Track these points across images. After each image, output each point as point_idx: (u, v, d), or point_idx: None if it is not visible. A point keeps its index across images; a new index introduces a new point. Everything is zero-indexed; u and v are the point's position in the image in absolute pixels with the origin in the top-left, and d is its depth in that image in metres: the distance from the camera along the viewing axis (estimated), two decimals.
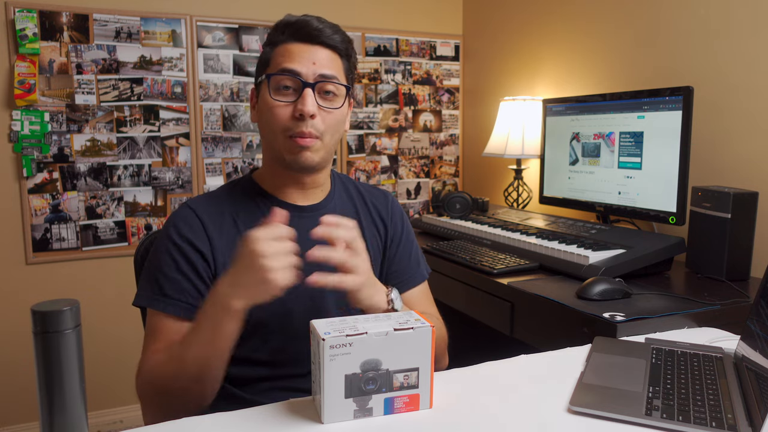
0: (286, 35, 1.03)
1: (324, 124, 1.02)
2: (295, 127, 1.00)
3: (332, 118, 1.03)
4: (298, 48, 1.02)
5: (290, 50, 1.02)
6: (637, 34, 2.00)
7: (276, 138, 1.03)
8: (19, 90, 2.22)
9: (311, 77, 1.00)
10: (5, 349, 2.30)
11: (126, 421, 2.48)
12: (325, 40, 1.02)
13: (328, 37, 1.02)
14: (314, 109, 0.99)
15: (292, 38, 1.02)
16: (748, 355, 0.92)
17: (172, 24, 2.44)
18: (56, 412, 0.60)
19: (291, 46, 1.02)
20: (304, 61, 1.01)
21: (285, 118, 1.01)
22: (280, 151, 1.03)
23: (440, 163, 3.02)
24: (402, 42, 2.86)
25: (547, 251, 1.63)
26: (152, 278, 1.01)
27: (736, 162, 1.68)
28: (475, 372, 0.97)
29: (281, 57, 1.02)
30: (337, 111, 1.03)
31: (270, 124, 1.03)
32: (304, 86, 1.00)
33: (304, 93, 0.99)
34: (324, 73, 1.01)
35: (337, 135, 1.06)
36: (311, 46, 1.02)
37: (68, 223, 2.35)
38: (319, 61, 1.01)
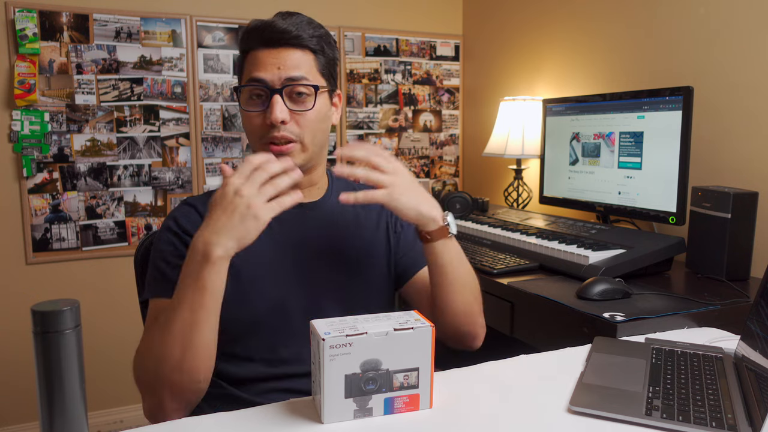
0: (252, 41, 1.02)
1: (299, 127, 1.01)
2: (269, 134, 1.00)
3: (307, 120, 1.01)
4: (264, 54, 1.00)
5: (257, 57, 1.01)
6: (637, 34, 2.00)
7: (255, 146, 1.03)
8: (19, 90, 2.22)
9: (278, 82, 0.99)
10: (5, 349, 2.30)
11: (126, 421, 2.48)
12: (289, 41, 1.00)
13: (294, 37, 1.00)
14: (283, 115, 0.98)
15: (258, 44, 1.01)
16: (748, 355, 0.92)
17: (172, 24, 2.44)
18: (56, 412, 0.60)
19: (258, 53, 1.01)
20: (269, 67, 0.99)
21: (258, 127, 1.01)
22: None
23: (440, 163, 3.02)
24: (402, 42, 2.86)
25: (547, 251, 1.63)
26: (156, 269, 1.01)
27: (736, 162, 1.68)
28: (475, 372, 0.97)
29: (250, 65, 1.02)
30: (311, 112, 1.01)
31: (247, 133, 1.04)
32: (272, 93, 0.99)
33: (272, 101, 0.98)
34: (291, 75, 0.99)
35: (320, 134, 1.05)
36: (276, 50, 1.00)
37: (68, 223, 2.35)
38: (284, 64, 0.99)
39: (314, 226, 1.10)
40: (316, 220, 1.10)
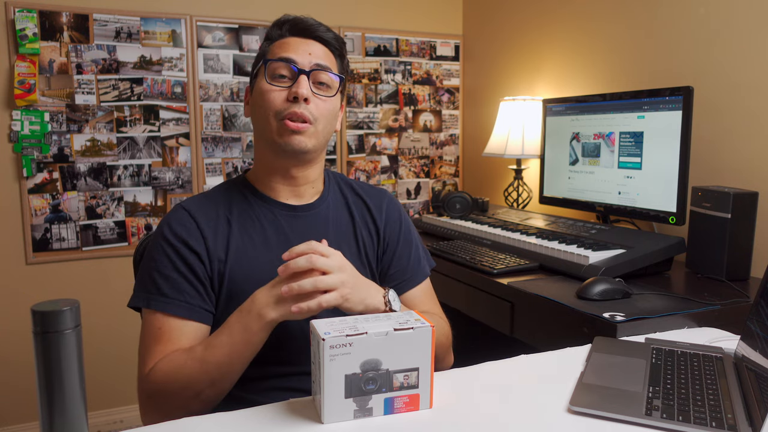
0: (283, 30, 1.08)
1: (318, 111, 1.05)
2: (289, 108, 1.02)
3: (325, 107, 1.06)
4: (295, 40, 1.07)
5: (287, 42, 1.07)
6: (637, 34, 2.00)
7: (269, 121, 1.04)
8: (19, 90, 2.22)
9: (307, 65, 1.05)
10: (5, 349, 2.30)
11: (126, 421, 2.48)
12: (321, 35, 1.09)
13: (324, 32, 1.09)
14: (308, 93, 1.03)
15: (289, 33, 1.08)
16: (748, 355, 0.92)
17: (172, 24, 2.44)
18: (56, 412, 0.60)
19: (288, 39, 1.08)
20: (300, 51, 1.05)
21: (279, 101, 1.03)
22: (273, 134, 1.04)
23: (440, 163, 3.02)
24: (402, 42, 2.86)
25: (547, 251, 1.63)
26: (150, 279, 1.01)
27: (736, 162, 1.68)
28: (475, 372, 0.97)
29: (278, 48, 1.07)
30: (331, 100, 1.07)
31: (264, 108, 1.04)
32: (300, 73, 1.03)
33: (300, 78, 1.03)
34: (319, 62, 1.06)
35: (329, 126, 1.08)
36: (307, 40, 1.08)
37: (68, 223, 2.35)
38: (314, 52, 1.07)
39: (308, 229, 1.09)
40: (311, 223, 1.10)
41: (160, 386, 0.94)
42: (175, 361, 0.94)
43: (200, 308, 1.00)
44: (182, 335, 0.98)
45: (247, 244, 1.05)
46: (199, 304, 1.00)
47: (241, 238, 1.04)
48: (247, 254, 1.04)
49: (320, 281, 0.88)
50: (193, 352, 0.94)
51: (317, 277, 0.89)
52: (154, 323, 0.99)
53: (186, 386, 0.93)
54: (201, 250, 1.01)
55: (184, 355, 0.95)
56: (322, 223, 1.11)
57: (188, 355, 0.94)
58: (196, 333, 0.99)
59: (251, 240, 1.05)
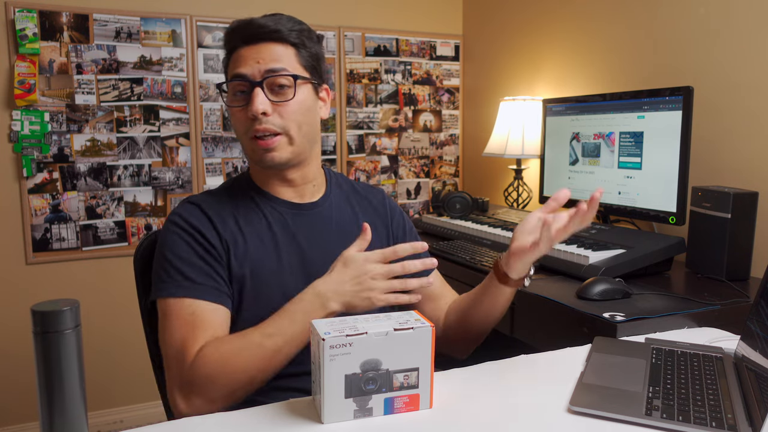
0: (233, 41, 1.05)
1: (282, 118, 1.02)
2: (252, 127, 1.01)
3: (290, 110, 1.02)
4: (245, 51, 1.03)
5: (239, 55, 1.04)
6: (636, 34, 2.00)
7: (243, 141, 1.05)
8: (19, 90, 2.22)
9: (258, 75, 1.01)
10: (5, 349, 2.30)
11: (126, 421, 2.48)
12: (268, 35, 1.03)
13: (273, 31, 1.03)
14: (264, 107, 1.00)
15: (240, 42, 1.04)
16: (748, 355, 0.92)
17: (172, 24, 2.44)
18: (56, 412, 0.60)
19: (240, 51, 1.04)
20: (249, 62, 1.02)
21: (243, 121, 1.03)
22: (249, 153, 1.06)
23: (440, 163, 3.02)
24: (402, 42, 2.86)
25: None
26: (173, 268, 1.00)
27: (736, 162, 1.68)
28: (475, 372, 0.97)
29: (233, 63, 1.05)
30: (292, 102, 1.02)
31: (235, 129, 1.06)
32: (253, 86, 1.01)
33: (253, 93, 1.00)
34: (270, 68, 1.01)
35: (305, 126, 1.05)
36: (256, 46, 1.03)
37: (68, 223, 2.35)
38: (264, 58, 1.02)
39: (313, 227, 1.10)
40: (315, 221, 1.10)
41: (214, 371, 0.92)
42: (231, 346, 0.93)
43: (225, 294, 1.00)
44: (216, 319, 0.97)
45: (255, 241, 1.05)
46: (224, 290, 1.00)
47: (248, 235, 1.05)
48: (255, 251, 1.04)
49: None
50: (250, 337, 0.94)
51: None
52: (185, 309, 0.97)
53: (240, 371, 0.92)
54: (215, 241, 1.02)
55: (241, 340, 0.94)
56: (327, 221, 1.12)
57: (246, 339, 0.94)
58: (225, 318, 0.99)
59: (258, 237, 1.05)
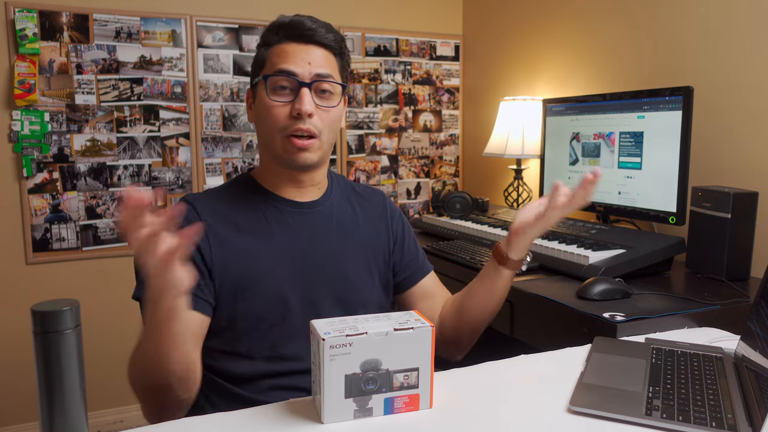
0: (280, 36, 1.04)
1: (322, 123, 1.03)
2: (293, 125, 1.01)
3: (329, 117, 1.04)
4: (293, 48, 1.03)
5: (285, 50, 1.03)
6: (636, 34, 2.00)
7: (274, 138, 1.04)
8: (19, 90, 2.22)
9: (307, 77, 1.02)
10: (5, 349, 2.30)
11: (126, 421, 2.48)
12: (319, 39, 1.04)
13: (322, 36, 1.04)
14: (312, 108, 1.01)
15: (287, 38, 1.04)
16: (748, 355, 0.92)
17: (172, 24, 2.44)
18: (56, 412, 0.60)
19: (286, 46, 1.04)
20: (299, 61, 1.02)
21: (282, 118, 1.02)
22: (278, 150, 1.04)
23: (440, 163, 3.02)
24: (402, 42, 2.86)
25: (547, 251, 1.63)
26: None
27: (736, 162, 1.68)
28: (475, 372, 0.97)
29: (277, 57, 1.03)
30: (334, 109, 1.05)
31: (268, 124, 1.04)
32: (301, 86, 1.01)
33: (301, 92, 1.01)
34: (320, 72, 1.03)
35: (333, 133, 1.07)
36: (306, 46, 1.04)
37: (68, 223, 2.35)
38: (314, 60, 1.03)
39: (313, 225, 1.10)
40: (316, 219, 1.11)
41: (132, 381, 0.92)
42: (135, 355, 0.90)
43: (196, 297, 0.98)
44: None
45: (252, 238, 1.05)
46: (196, 293, 0.99)
47: (245, 233, 1.05)
48: (252, 249, 1.04)
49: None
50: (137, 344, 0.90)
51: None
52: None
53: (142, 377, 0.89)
54: (202, 242, 1.01)
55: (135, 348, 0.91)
56: (327, 219, 1.12)
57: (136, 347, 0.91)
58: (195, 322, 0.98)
59: (256, 234, 1.05)
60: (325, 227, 1.11)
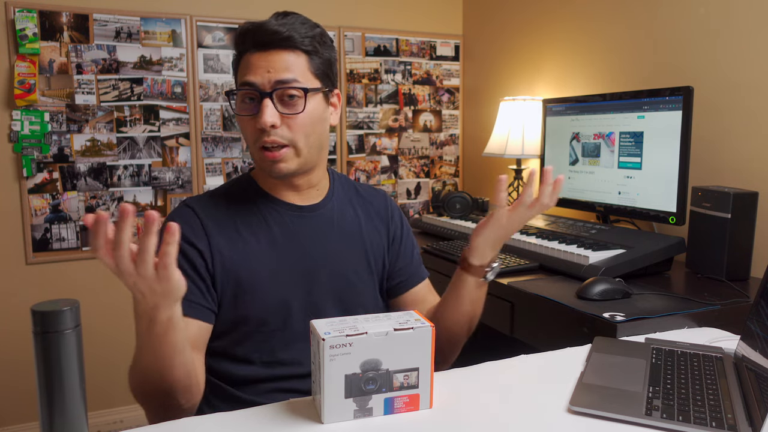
0: (246, 45, 1.02)
1: (291, 130, 1.00)
2: (261, 138, 1.00)
3: (298, 123, 1.00)
4: (256, 57, 1.00)
5: (249, 61, 1.00)
6: (636, 34, 2.00)
7: (252, 149, 1.04)
8: (19, 90, 2.21)
9: (268, 86, 0.98)
10: (5, 349, 2.30)
11: (126, 421, 2.48)
12: (281, 43, 0.99)
13: (285, 38, 0.99)
14: (273, 119, 0.98)
15: (251, 47, 1.01)
16: (748, 355, 0.92)
17: (172, 24, 2.44)
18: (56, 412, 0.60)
19: (250, 56, 1.00)
20: (259, 71, 0.99)
21: (251, 130, 1.01)
22: (257, 161, 1.05)
23: (440, 163, 3.02)
24: (402, 42, 2.86)
25: (547, 251, 1.63)
26: None
27: (736, 162, 1.68)
28: (475, 372, 0.97)
29: (243, 69, 1.02)
30: (301, 115, 1.00)
31: (243, 136, 1.05)
32: (262, 97, 0.98)
33: (262, 105, 0.98)
34: (280, 78, 0.98)
35: (314, 136, 1.03)
36: (267, 53, 0.99)
37: (68, 223, 2.35)
38: (274, 67, 0.98)
39: (314, 229, 1.09)
40: (317, 223, 1.10)
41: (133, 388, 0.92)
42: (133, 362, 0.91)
43: (200, 305, 0.99)
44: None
45: (253, 242, 1.04)
46: (200, 302, 0.99)
47: (246, 237, 1.04)
48: (253, 253, 1.04)
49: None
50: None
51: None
52: None
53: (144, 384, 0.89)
54: (203, 247, 1.01)
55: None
56: (328, 222, 1.11)
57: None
58: (197, 330, 0.99)
59: (257, 239, 1.05)
60: (327, 231, 1.10)
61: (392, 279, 1.17)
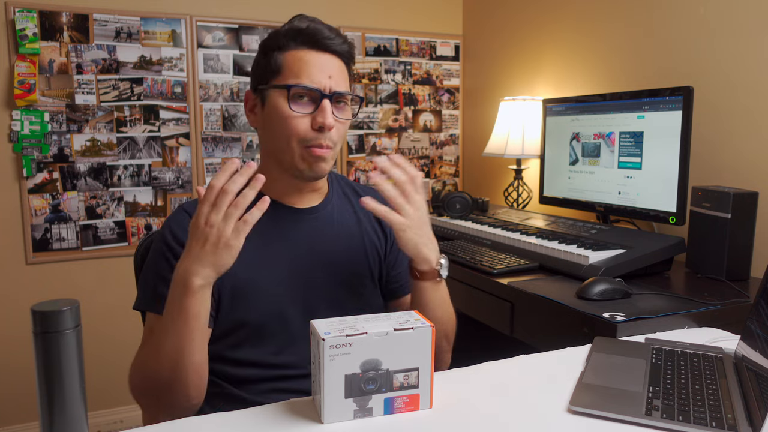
0: (298, 42, 1.02)
1: (338, 135, 1.04)
2: (315, 139, 1.01)
3: (344, 128, 1.06)
4: (311, 56, 1.02)
5: (304, 59, 1.01)
6: (636, 34, 2.00)
7: (290, 147, 1.02)
8: (19, 90, 2.22)
9: (328, 89, 1.01)
10: (5, 349, 2.30)
11: (126, 421, 2.48)
12: (336, 48, 1.03)
13: (339, 45, 1.04)
14: (333, 122, 1.01)
15: (304, 45, 1.02)
16: (748, 355, 0.92)
17: (172, 24, 2.44)
18: (56, 412, 0.60)
19: (303, 54, 1.02)
20: (320, 73, 1.01)
21: (303, 129, 1.01)
22: (294, 160, 1.03)
23: (440, 163, 3.02)
24: (402, 42, 2.86)
25: (547, 251, 1.63)
26: (150, 282, 1.01)
27: (736, 162, 1.68)
28: (475, 372, 0.97)
29: (296, 66, 1.01)
30: (348, 121, 1.06)
31: (284, 133, 1.02)
32: (322, 98, 1.00)
33: (323, 105, 1.00)
34: (338, 90, 1.02)
35: (343, 141, 1.09)
36: (323, 55, 1.02)
37: (68, 223, 2.35)
38: (333, 73, 1.02)
39: (313, 231, 1.09)
40: (316, 225, 1.10)
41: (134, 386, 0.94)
42: (140, 358, 0.95)
43: None
44: None
45: (251, 245, 1.04)
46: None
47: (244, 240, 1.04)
48: (251, 257, 1.03)
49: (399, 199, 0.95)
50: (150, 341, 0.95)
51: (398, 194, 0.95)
52: (151, 325, 0.99)
53: (152, 377, 0.91)
54: None
55: (146, 348, 0.95)
56: (327, 225, 1.11)
57: (148, 346, 0.95)
58: None
59: (254, 242, 1.05)
60: (325, 233, 1.10)
61: (390, 282, 1.17)
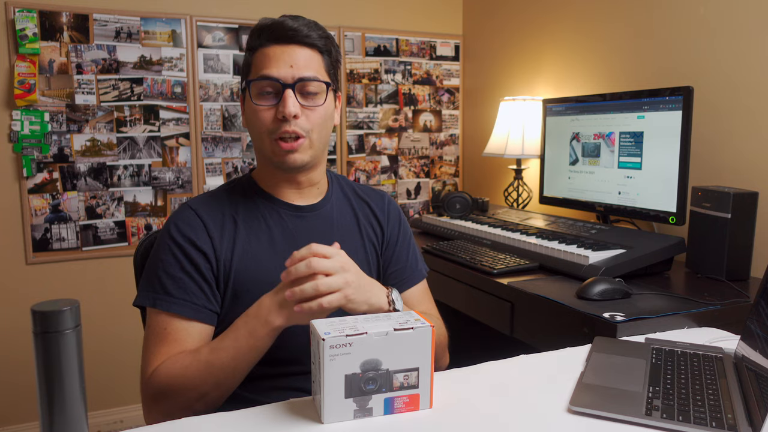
0: (262, 39, 1.04)
1: (309, 122, 1.03)
2: (279, 128, 1.01)
3: (317, 116, 1.04)
4: (275, 50, 1.02)
5: (267, 54, 1.03)
6: (637, 34, 2.00)
7: (263, 141, 1.04)
8: (19, 90, 2.21)
9: (290, 79, 1.01)
10: (5, 349, 2.30)
11: (126, 421, 2.48)
12: (301, 39, 1.03)
13: (304, 35, 1.03)
14: (296, 110, 1.00)
15: (269, 41, 1.03)
16: (748, 355, 0.92)
17: (172, 24, 2.44)
18: (56, 412, 0.60)
19: (267, 49, 1.03)
20: (281, 64, 1.01)
21: (268, 121, 1.02)
22: (268, 153, 1.05)
23: (440, 163, 3.02)
24: (402, 42, 2.86)
25: (547, 251, 1.63)
26: (156, 278, 1.01)
27: (736, 162, 1.68)
28: (475, 372, 0.97)
29: (260, 61, 1.03)
30: (321, 108, 1.04)
31: (256, 128, 1.04)
32: (284, 88, 1.00)
33: (285, 94, 1.00)
34: (302, 75, 1.01)
35: (324, 131, 1.06)
36: (287, 47, 1.02)
37: (68, 223, 2.35)
38: (296, 62, 1.02)
39: (313, 229, 1.10)
40: (315, 223, 1.10)
41: (164, 388, 0.94)
42: (180, 363, 0.94)
43: (205, 308, 1.00)
44: (187, 336, 0.98)
45: (254, 244, 1.05)
46: (204, 305, 1.00)
47: (247, 238, 1.05)
48: (253, 254, 1.04)
49: (321, 284, 0.87)
50: (198, 354, 0.94)
51: (318, 280, 0.87)
52: (159, 323, 0.99)
53: (190, 388, 0.93)
54: (208, 249, 1.02)
55: (189, 357, 0.95)
56: (327, 223, 1.11)
57: (193, 357, 0.94)
58: (200, 334, 0.99)
59: (257, 240, 1.05)
60: (326, 231, 1.10)
61: (388, 280, 1.17)
